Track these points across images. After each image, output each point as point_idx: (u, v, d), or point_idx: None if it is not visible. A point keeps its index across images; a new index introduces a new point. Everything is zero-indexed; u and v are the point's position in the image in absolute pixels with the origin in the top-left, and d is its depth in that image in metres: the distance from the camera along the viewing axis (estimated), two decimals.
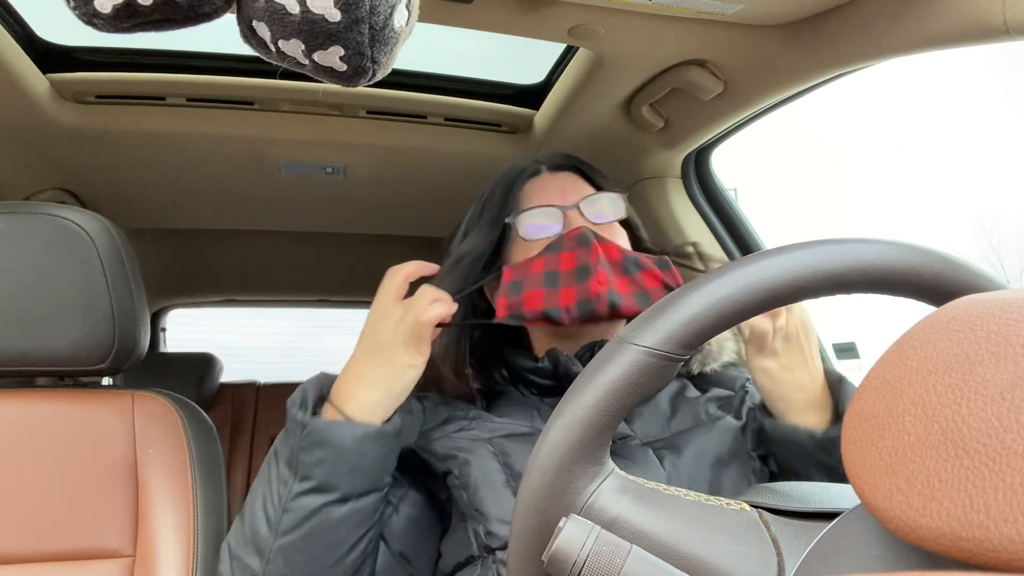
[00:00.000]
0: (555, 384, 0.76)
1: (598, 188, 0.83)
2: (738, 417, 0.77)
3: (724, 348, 0.83)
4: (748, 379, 0.82)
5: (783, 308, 0.68)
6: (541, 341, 0.82)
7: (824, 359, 0.71)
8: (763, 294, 0.39)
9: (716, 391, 0.81)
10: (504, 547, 0.66)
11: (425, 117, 1.21)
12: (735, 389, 0.81)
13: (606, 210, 0.79)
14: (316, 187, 1.40)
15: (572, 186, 0.82)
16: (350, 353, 0.69)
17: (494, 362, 0.82)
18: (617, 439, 0.71)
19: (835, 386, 0.69)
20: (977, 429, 0.22)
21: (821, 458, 0.64)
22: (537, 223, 0.78)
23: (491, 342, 0.84)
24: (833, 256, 0.39)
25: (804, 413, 0.67)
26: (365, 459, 0.63)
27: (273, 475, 0.65)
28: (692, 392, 0.80)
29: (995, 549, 0.20)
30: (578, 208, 0.78)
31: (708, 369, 0.82)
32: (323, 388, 0.68)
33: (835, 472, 0.63)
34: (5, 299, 0.82)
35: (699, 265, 1.00)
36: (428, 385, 0.76)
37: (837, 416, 0.67)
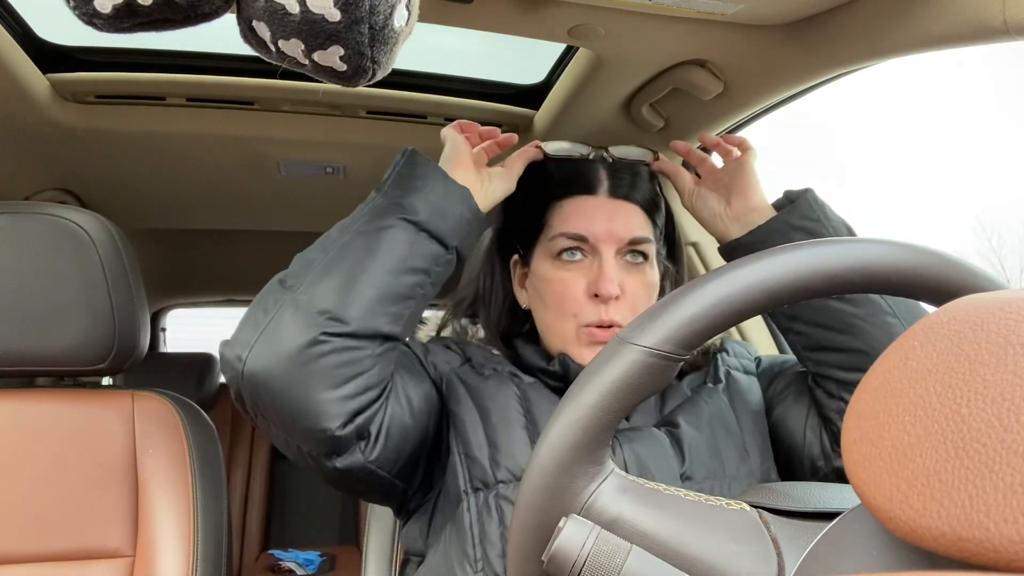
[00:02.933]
0: (563, 387, 0.77)
1: (651, 220, 0.81)
2: (716, 381, 0.80)
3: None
4: (723, 353, 0.84)
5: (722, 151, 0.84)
6: (555, 341, 0.83)
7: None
8: (763, 294, 0.39)
9: (692, 375, 0.83)
10: (508, 481, 0.69)
11: (425, 117, 1.21)
12: (707, 364, 0.84)
13: (643, 256, 0.79)
14: (316, 187, 1.40)
15: (623, 220, 0.77)
16: None
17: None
18: (618, 431, 0.72)
19: (784, 203, 0.79)
20: (977, 429, 0.22)
21: (798, 223, 0.74)
22: (567, 246, 0.77)
23: (505, 329, 0.85)
24: (833, 256, 0.39)
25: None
26: (451, 210, 0.69)
27: (366, 203, 0.70)
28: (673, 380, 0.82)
29: (995, 549, 0.20)
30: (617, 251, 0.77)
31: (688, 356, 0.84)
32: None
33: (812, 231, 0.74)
34: (5, 299, 0.82)
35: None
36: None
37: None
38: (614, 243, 0.76)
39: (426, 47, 1.09)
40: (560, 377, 0.77)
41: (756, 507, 0.40)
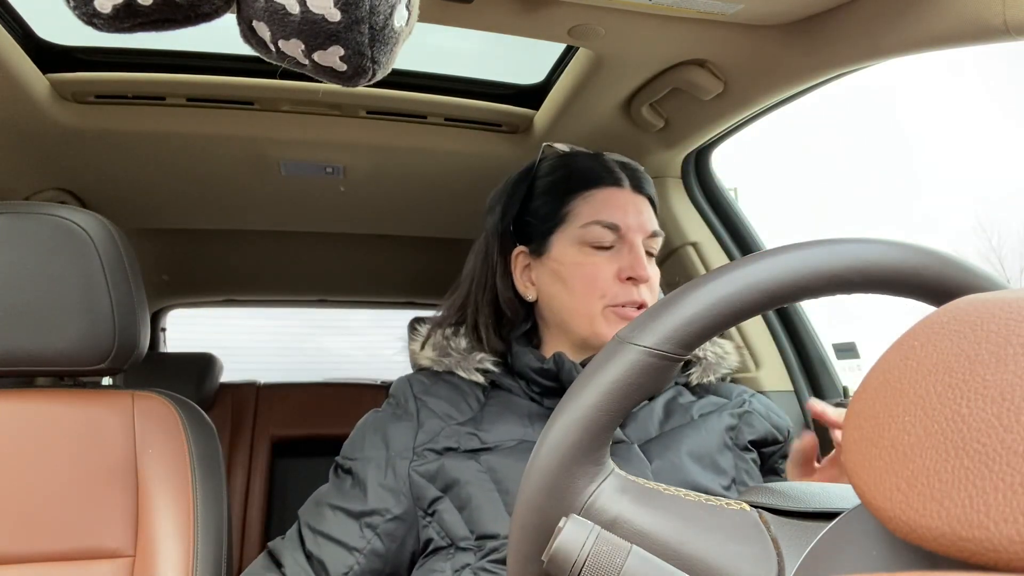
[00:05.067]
0: (557, 386, 0.77)
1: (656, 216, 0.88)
2: (731, 418, 0.79)
3: (724, 360, 0.85)
4: (750, 394, 0.85)
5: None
6: (552, 342, 0.83)
7: None
8: (763, 294, 0.39)
9: (711, 398, 0.83)
10: (492, 551, 0.68)
11: (425, 117, 1.21)
12: (731, 398, 0.84)
13: (655, 248, 0.86)
14: (316, 187, 1.40)
15: (647, 214, 0.85)
16: (349, 353, 0.70)
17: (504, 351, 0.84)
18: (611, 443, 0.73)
19: None
20: (977, 429, 0.22)
21: None
22: (601, 233, 0.82)
23: (502, 329, 0.86)
24: (833, 256, 0.39)
25: None
26: None
27: None
28: (687, 398, 0.82)
29: (995, 549, 0.20)
30: (642, 242, 0.83)
31: (706, 380, 0.84)
32: None
33: None
34: (5, 299, 0.82)
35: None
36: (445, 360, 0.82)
37: None
38: (641, 233, 0.82)
39: (426, 47, 1.09)
40: (553, 376, 0.77)
41: (756, 507, 0.40)
